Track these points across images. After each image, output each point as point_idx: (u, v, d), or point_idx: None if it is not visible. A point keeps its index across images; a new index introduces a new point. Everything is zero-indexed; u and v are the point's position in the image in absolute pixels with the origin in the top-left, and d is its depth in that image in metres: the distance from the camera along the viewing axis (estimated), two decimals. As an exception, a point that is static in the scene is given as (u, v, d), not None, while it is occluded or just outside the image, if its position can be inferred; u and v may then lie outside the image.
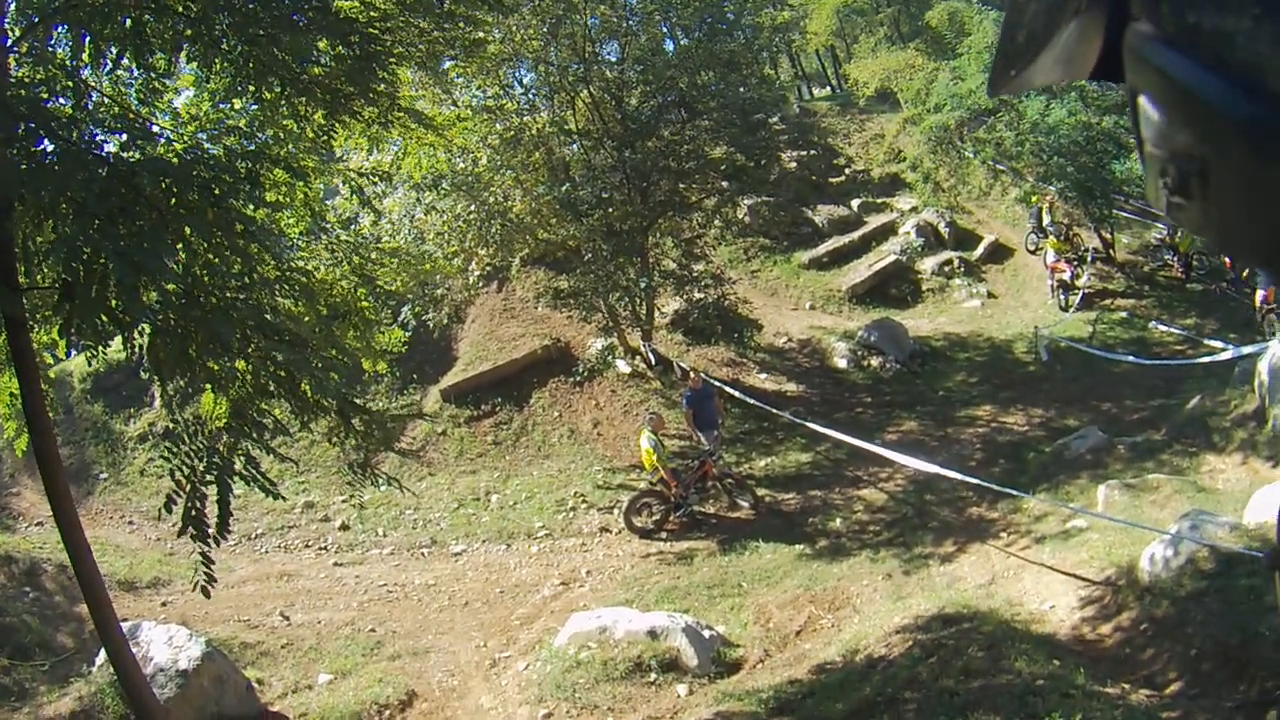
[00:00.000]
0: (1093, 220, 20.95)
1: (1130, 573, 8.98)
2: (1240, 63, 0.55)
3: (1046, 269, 20.80)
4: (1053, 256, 20.34)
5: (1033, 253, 22.26)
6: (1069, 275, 20.18)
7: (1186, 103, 0.61)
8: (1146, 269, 21.44)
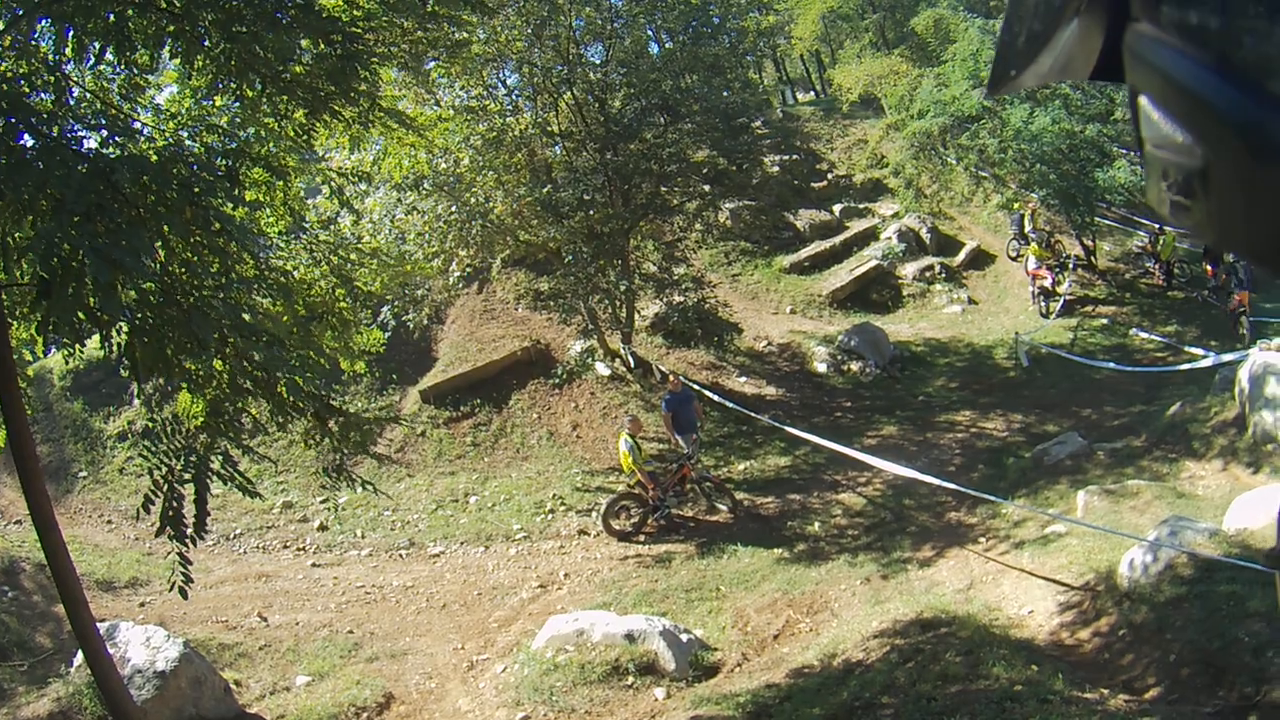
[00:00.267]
0: (1075, 227, 21.10)
1: (1109, 578, 9.00)
2: (1241, 63, 0.57)
3: (1028, 275, 20.95)
4: (1034, 263, 20.47)
5: (1014, 259, 22.41)
6: (1050, 282, 20.36)
7: (1187, 103, 0.62)
8: (1128, 276, 21.66)
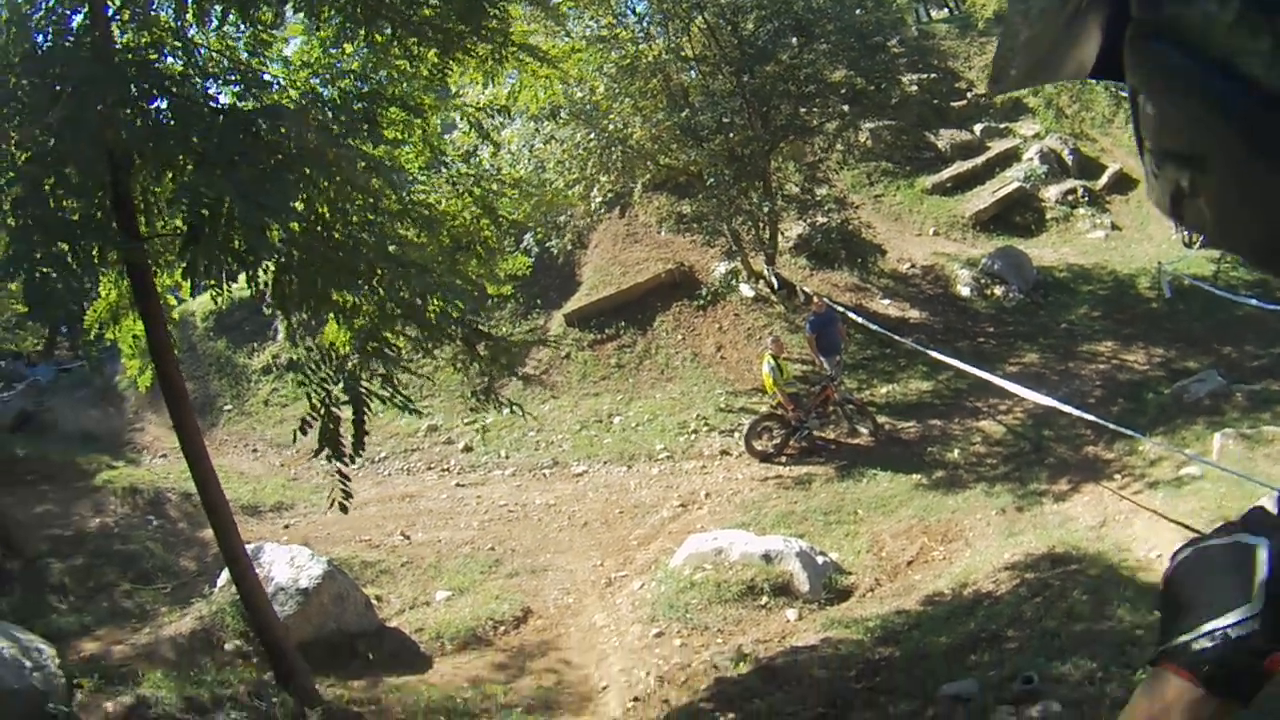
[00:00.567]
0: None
1: (1240, 527, 8.68)
2: (1240, 62, 0.58)
3: None
4: None
5: None
6: None
7: (1187, 101, 0.64)
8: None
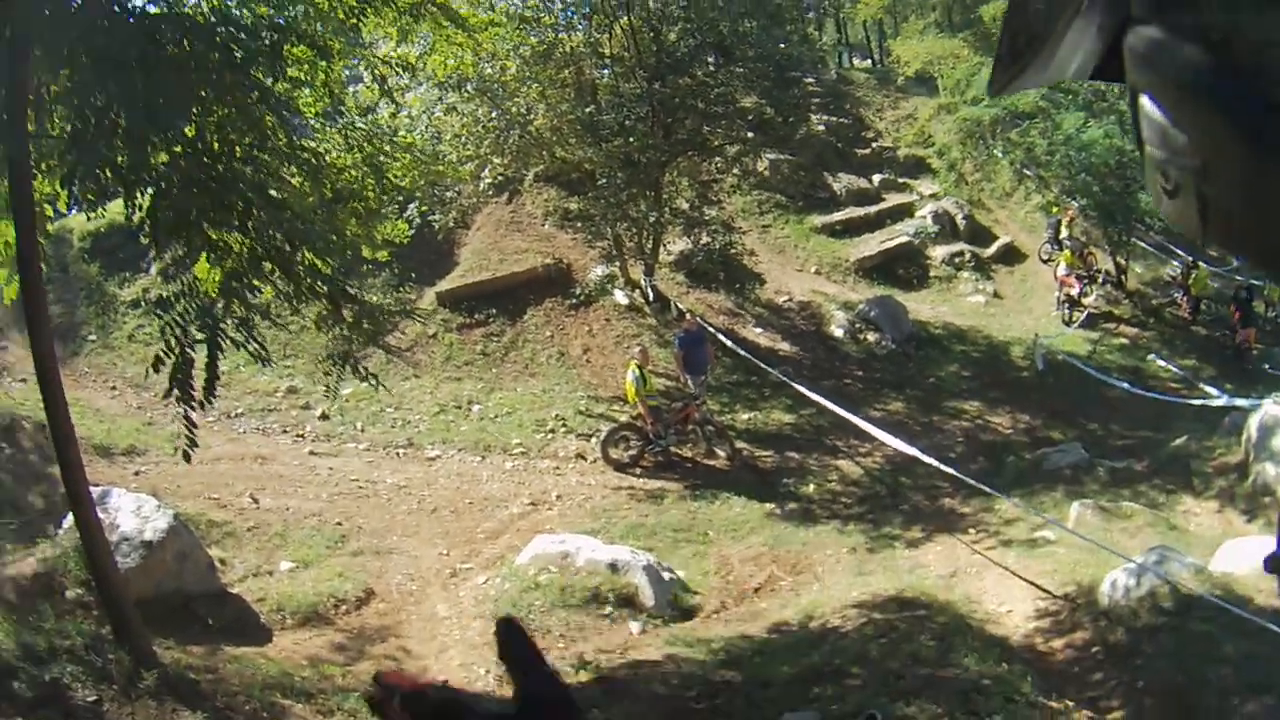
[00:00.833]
0: (1110, 243, 21.01)
1: (1090, 593, 9.01)
2: (1241, 63, 0.56)
3: (1056, 281, 20.78)
4: (1064, 270, 20.29)
5: (1045, 262, 22.27)
6: (1077, 291, 20.25)
7: (1187, 103, 0.62)
8: (1155, 302, 21.50)
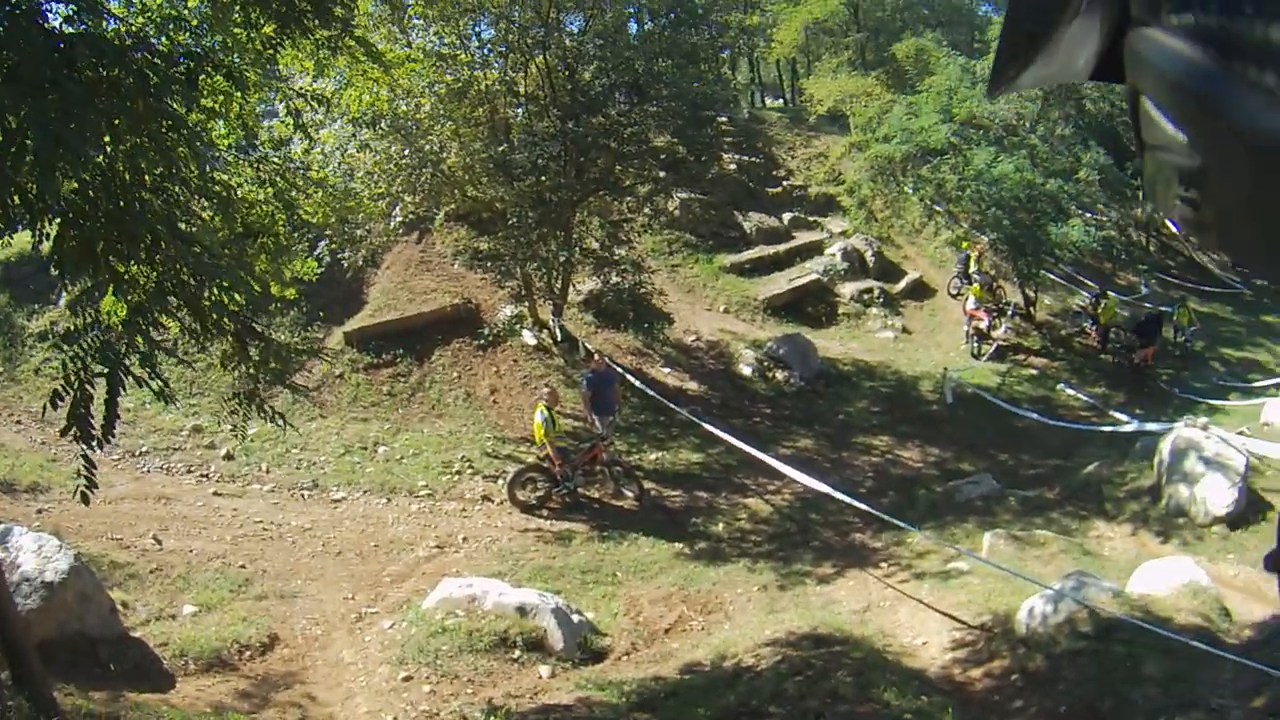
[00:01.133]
0: (1019, 276, 21.54)
1: (1007, 622, 9.16)
2: (1242, 63, 0.56)
3: (965, 315, 21.28)
4: (973, 304, 20.81)
5: (954, 296, 22.76)
6: (986, 324, 20.73)
7: (1187, 104, 0.62)
8: (1063, 333, 22.18)
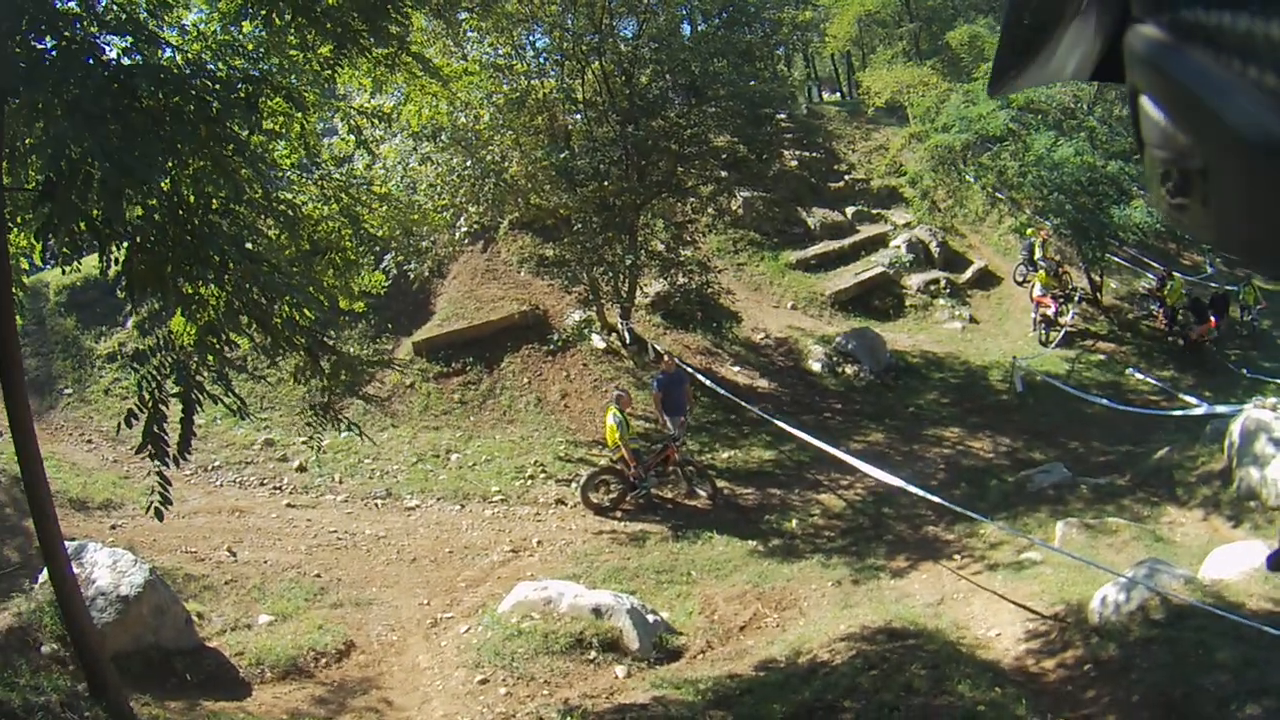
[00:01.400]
0: (1084, 261, 21.02)
1: (1080, 611, 8.97)
2: (1242, 63, 0.56)
3: (1032, 302, 20.91)
4: (1039, 290, 20.43)
5: (1020, 284, 22.35)
6: (1053, 311, 20.30)
7: (1187, 103, 0.62)
8: (1131, 316, 21.60)
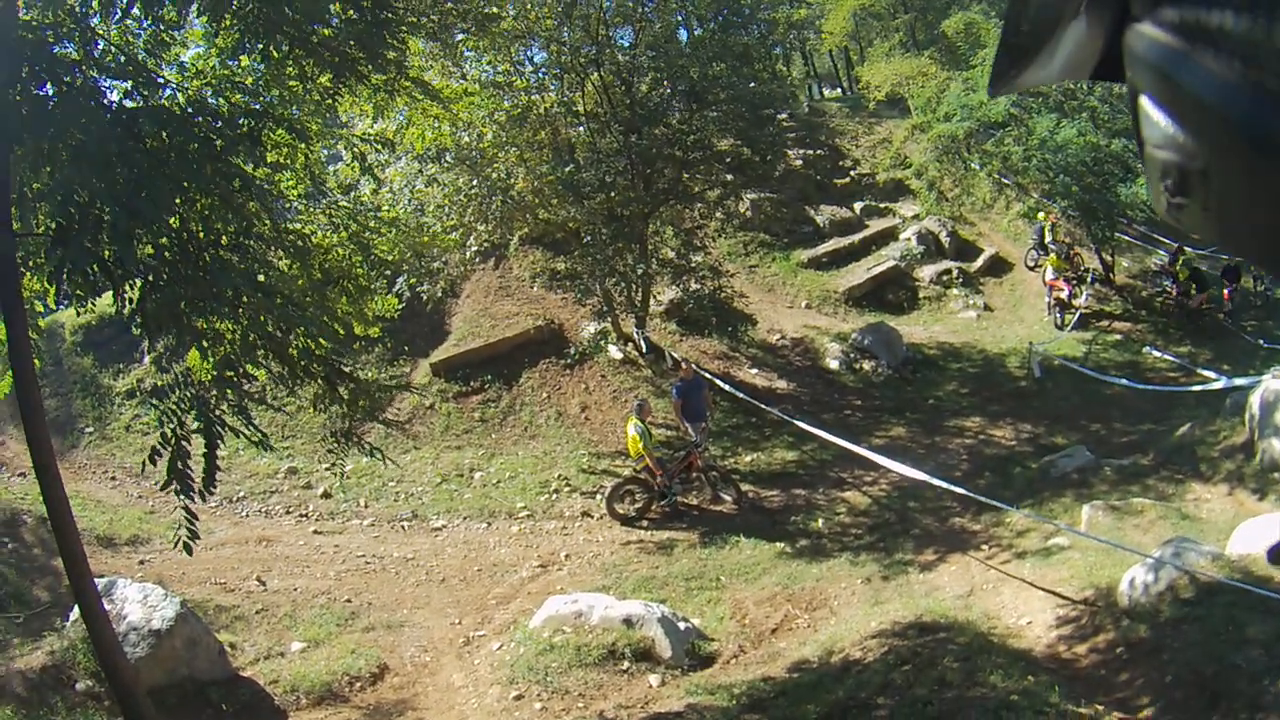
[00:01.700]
0: (1094, 241, 20.94)
1: (1109, 594, 8.94)
2: (1242, 62, 0.56)
3: (1045, 286, 20.82)
4: (1052, 274, 20.33)
5: (1032, 269, 22.27)
6: (1067, 294, 20.18)
7: (1187, 102, 0.62)
8: (1144, 294, 21.46)
